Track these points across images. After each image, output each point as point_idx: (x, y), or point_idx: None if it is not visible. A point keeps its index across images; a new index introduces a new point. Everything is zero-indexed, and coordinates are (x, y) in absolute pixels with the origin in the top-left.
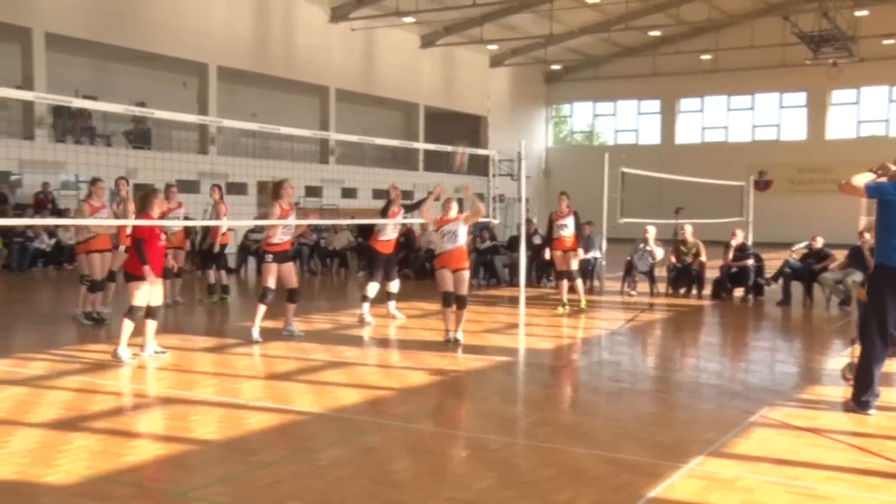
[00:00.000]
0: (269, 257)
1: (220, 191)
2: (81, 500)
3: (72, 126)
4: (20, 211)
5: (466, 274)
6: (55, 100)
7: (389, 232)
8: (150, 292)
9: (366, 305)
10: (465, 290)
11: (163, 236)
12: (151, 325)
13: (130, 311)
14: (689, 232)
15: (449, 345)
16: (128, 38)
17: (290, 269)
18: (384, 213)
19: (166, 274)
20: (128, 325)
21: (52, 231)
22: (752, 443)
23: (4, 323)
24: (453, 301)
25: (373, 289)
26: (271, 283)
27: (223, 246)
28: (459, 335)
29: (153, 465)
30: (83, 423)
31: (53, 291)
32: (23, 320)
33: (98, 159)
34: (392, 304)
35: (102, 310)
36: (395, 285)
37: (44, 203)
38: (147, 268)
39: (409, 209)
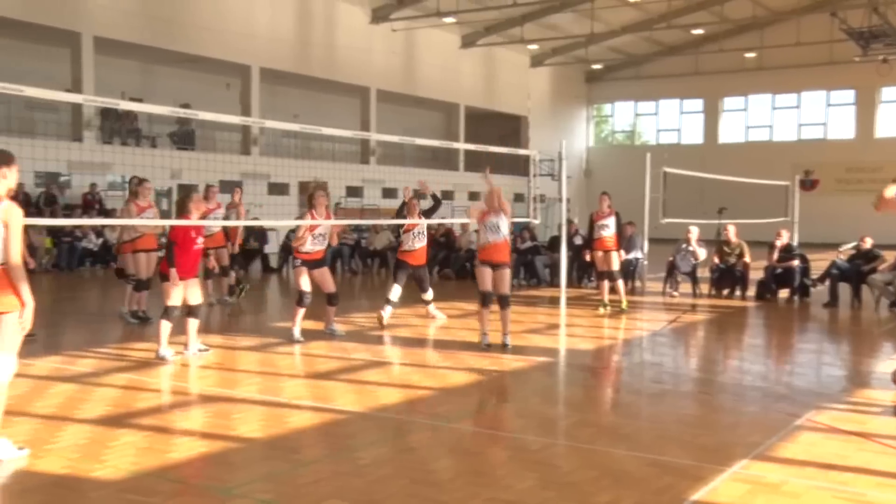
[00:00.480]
0: (298, 262)
1: (240, 192)
2: (128, 496)
3: (118, 128)
4: (69, 211)
5: (508, 272)
6: (103, 102)
7: (412, 243)
8: (186, 292)
9: (388, 308)
10: (506, 289)
11: (199, 239)
12: (193, 324)
13: (166, 312)
14: (732, 232)
15: (486, 348)
16: (173, 41)
17: (323, 273)
18: (399, 216)
19: (208, 273)
20: (165, 325)
21: (99, 231)
22: (798, 447)
23: (54, 321)
24: (492, 302)
25: (395, 292)
26: (303, 285)
27: (239, 246)
28: (508, 340)
29: (197, 462)
30: (129, 420)
31: (101, 290)
32: (71, 318)
33: (143, 160)
34: (432, 306)
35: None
36: (428, 294)
37: (91, 203)
38: (173, 271)
39: (427, 214)
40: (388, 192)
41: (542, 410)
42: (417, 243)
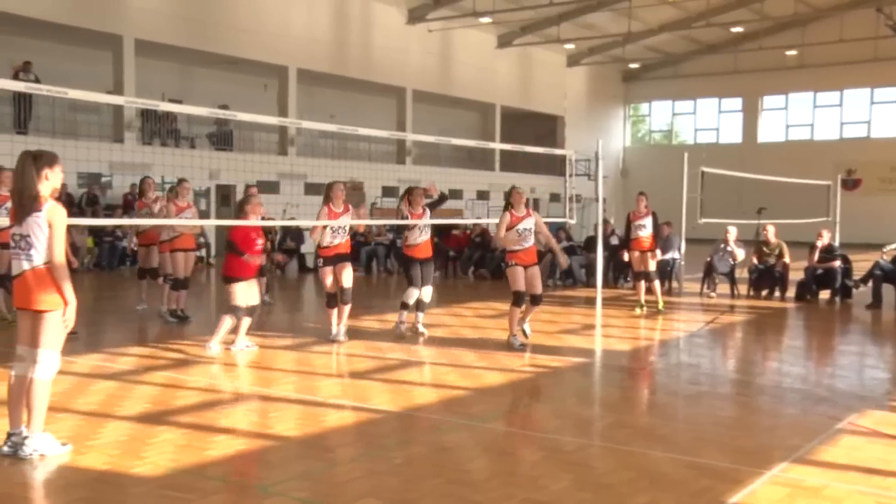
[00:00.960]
0: (321, 262)
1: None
2: (167, 493)
3: (158, 129)
4: (110, 211)
5: (538, 270)
6: (143, 104)
7: (417, 236)
8: (247, 292)
9: (404, 313)
10: (540, 289)
11: (259, 241)
12: (246, 322)
13: (232, 310)
14: (771, 233)
15: (521, 348)
16: (211, 42)
17: (345, 269)
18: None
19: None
20: (227, 322)
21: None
22: (839, 450)
23: (95, 319)
24: (525, 302)
25: (412, 295)
26: (330, 287)
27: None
28: (527, 327)
29: (235, 460)
30: (169, 418)
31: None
32: (112, 317)
33: (183, 161)
34: (420, 316)
35: (141, 307)
36: (427, 293)
37: (132, 203)
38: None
39: (432, 207)
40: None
41: (578, 411)
42: (422, 237)
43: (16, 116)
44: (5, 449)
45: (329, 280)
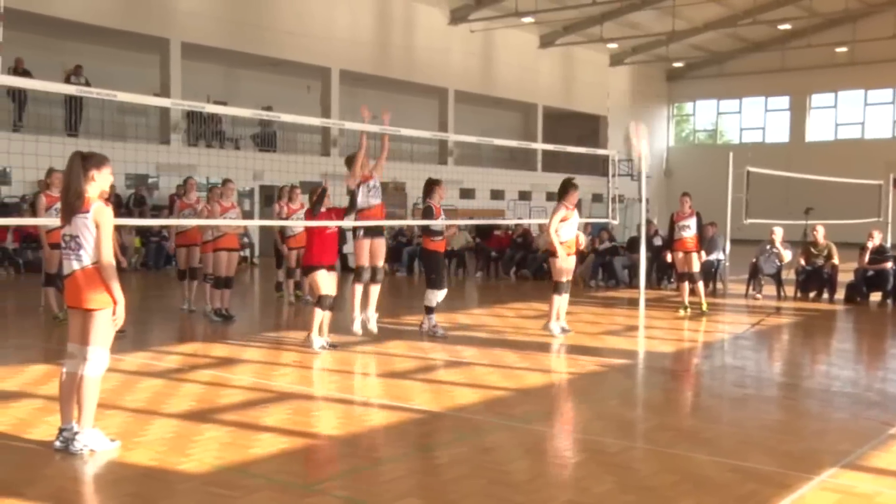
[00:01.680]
0: (360, 232)
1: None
2: (212, 489)
3: (203, 130)
4: (157, 212)
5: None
6: (189, 106)
7: (442, 228)
8: (328, 281)
9: (432, 317)
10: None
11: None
12: (319, 315)
13: (319, 301)
14: (821, 234)
15: (562, 332)
16: (256, 45)
17: (381, 245)
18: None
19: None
20: (318, 314)
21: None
22: (892, 456)
23: (142, 318)
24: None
25: (439, 296)
26: (363, 259)
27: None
28: (563, 323)
29: (278, 458)
30: (213, 416)
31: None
32: (158, 316)
33: (227, 161)
34: (432, 319)
35: (188, 307)
36: (441, 294)
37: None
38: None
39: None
40: (466, 193)
41: (621, 413)
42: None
43: (67, 119)
44: (57, 444)
45: (363, 254)
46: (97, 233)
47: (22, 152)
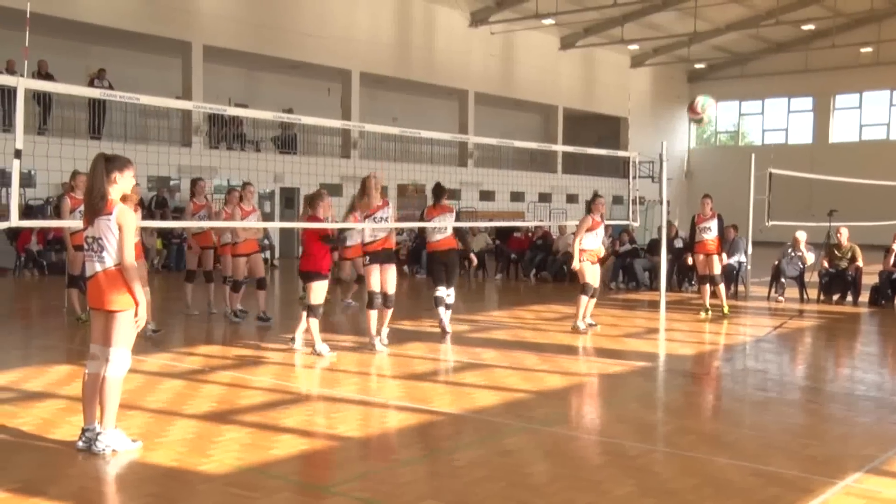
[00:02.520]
0: (367, 259)
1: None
2: (232, 490)
3: (224, 133)
4: (178, 214)
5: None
6: (211, 108)
7: (434, 232)
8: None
9: (441, 309)
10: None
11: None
12: (304, 323)
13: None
14: (845, 236)
15: (588, 328)
16: (277, 47)
17: (390, 271)
18: (423, 213)
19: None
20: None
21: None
22: None
23: (163, 320)
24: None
25: (439, 292)
26: (374, 285)
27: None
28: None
29: (298, 460)
30: (234, 417)
31: (206, 290)
32: (179, 317)
33: (248, 164)
34: (444, 312)
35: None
36: (450, 295)
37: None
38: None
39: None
40: (486, 195)
41: (641, 416)
42: (438, 233)
43: (91, 122)
44: (80, 444)
45: (374, 278)
46: (119, 235)
47: (46, 155)
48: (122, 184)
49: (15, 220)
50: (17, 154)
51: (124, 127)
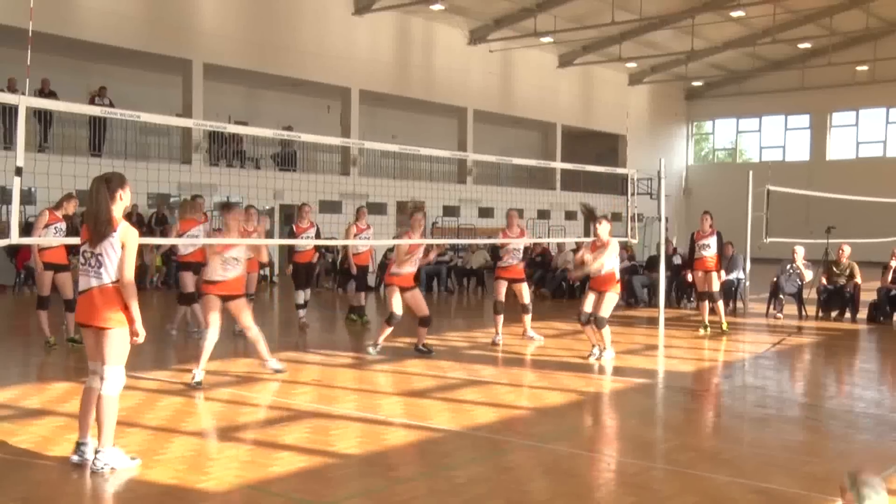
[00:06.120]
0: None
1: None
2: None
3: (224, 150)
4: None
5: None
6: (211, 126)
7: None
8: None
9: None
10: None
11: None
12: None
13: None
14: (847, 253)
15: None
16: (277, 65)
17: (416, 296)
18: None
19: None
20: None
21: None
22: None
23: (162, 336)
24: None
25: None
26: (395, 306)
27: (360, 267)
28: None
29: (297, 477)
30: (233, 434)
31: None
32: (180, 334)
33: (248, 181)
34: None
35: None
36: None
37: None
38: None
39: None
40: (485, 212)
41: (641, 433)
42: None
43: (91, 139)
44: (74, 458)
45: (395, 299)
46: (122, 252)
47: (47, 172)
48: (125, 200)
49: (15, 238)
50: (18, 172)
51: (125, 144)
